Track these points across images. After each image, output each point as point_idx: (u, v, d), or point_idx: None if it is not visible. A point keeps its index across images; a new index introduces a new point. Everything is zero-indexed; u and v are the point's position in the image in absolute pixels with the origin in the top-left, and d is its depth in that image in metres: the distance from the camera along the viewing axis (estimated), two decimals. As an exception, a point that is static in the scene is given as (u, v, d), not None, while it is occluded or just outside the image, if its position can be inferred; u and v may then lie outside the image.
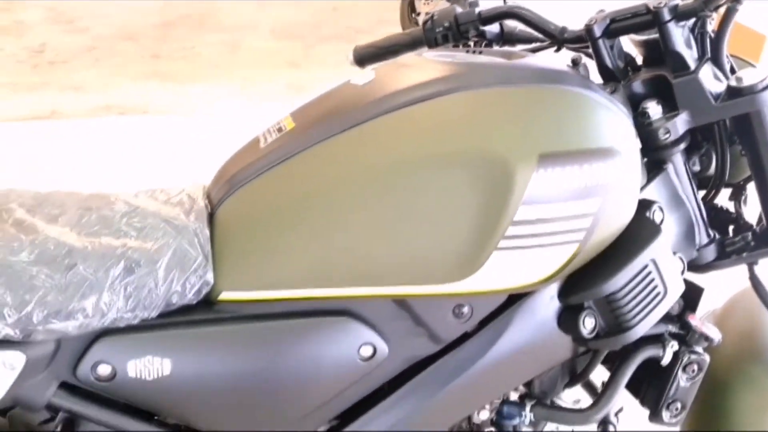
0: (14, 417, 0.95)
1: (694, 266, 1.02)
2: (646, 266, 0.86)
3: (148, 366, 0.79)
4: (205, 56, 3.78)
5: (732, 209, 1.07)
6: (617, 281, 0.85)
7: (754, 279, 1.06)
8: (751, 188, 1.04)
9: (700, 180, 1.03)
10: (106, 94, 3.21)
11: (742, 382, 1.11)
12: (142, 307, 0.78)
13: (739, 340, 1.16)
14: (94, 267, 0.76)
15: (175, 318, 0.81)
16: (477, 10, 1.00)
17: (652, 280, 0.87)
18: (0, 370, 0.76)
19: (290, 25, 4.20)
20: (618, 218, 0.84)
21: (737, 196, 1.06)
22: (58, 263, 0.76)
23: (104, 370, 0.79)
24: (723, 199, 1.09)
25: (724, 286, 1.17)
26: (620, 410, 1.05)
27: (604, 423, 1.02)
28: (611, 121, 0.84)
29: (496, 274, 0.81)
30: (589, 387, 1.07)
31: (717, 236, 1.01)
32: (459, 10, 1.01)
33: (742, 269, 1.07)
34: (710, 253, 1.01)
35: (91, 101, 3.14)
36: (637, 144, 0.88)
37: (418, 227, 0.79)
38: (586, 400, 1.01)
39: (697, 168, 1.02)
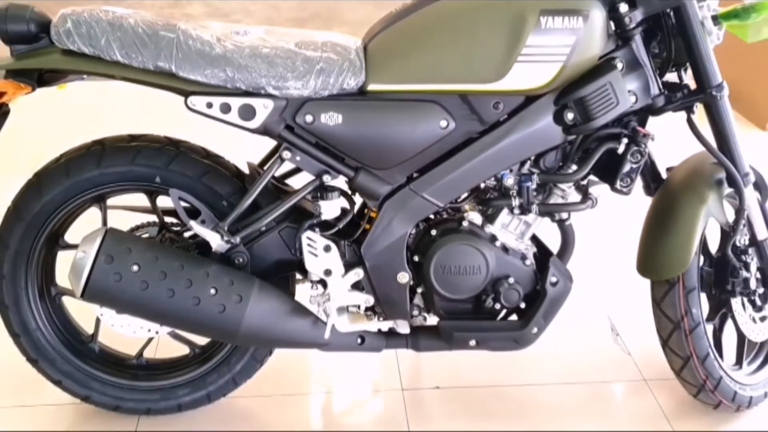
0: (251, 166, 1.71)
1: (651, 110, 1.66)
2: (604, 85, 1.51)
3: (331, 116, 1.51)
4: (331, 44, 4.63)
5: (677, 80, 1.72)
6: (586, 90, 1.50)
7: (690, 121, 1.70)
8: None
9: (662, 63, 1.68)
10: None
11: (687, 190, 1.74)
12: (329, 88, 1.50)
13: (689, 170, 1.80)
14: (306, 63, 1.49)
15: (345, 96, 1.54)
16: None
17: (609, 94, 1.52)
18: (261, 108, 1.50)
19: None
20: (586, 53, 1.49)
21: (679, 68, 1.70)
22: (291, 58, 1.49)
23: (309, 117, 1.51)
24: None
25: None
26: (598, 199, 1.70)
27: (586, 196, 1.68)
28: (589, 1, 1.51)
29: (518, 79, 1.50)
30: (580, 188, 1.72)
31: (666, 91, 1.66)
32: None
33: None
34: (660, 100, 1.63)
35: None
36: (604, 18, 1.52)
37: (477, 46, 1.48)
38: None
39: (656, 51, 1.67)
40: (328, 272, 1.60)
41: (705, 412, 1.89)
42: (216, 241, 1.55)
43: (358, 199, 1.67)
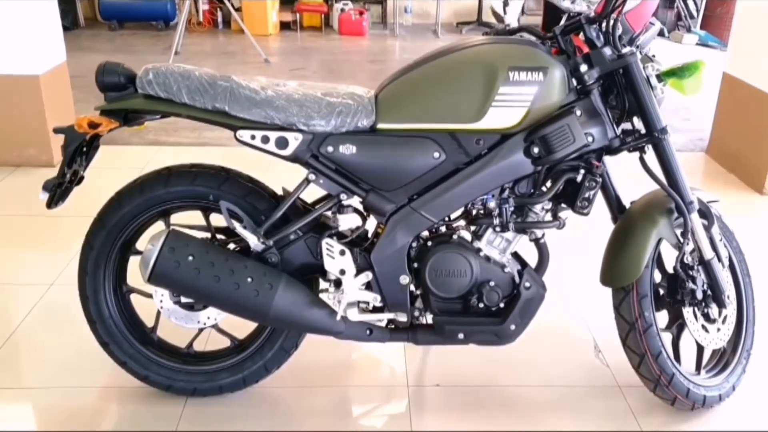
0: (285, 191, 2.13)
1: (609, 149, 2.04)
2: (563, 126, 1.90)
3: (348, 147, 1.93)
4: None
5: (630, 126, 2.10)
6: (548, 129, 1.90)
7: (642, 160, 2.07)
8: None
9: (619, 112, 2.07)
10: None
11: (643, 216, 2.10)
12: (347, 125, 1.92)
13: (646, 201, 2.16)
14: (329, 106, 1.92)
15: (358, 132, 1.96)
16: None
17: (566, 133, 1.91)
18: (293, 140, 1.92)
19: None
20: (547, 100, 1.90)
21: (632, 117, 2.08)
22: (317, 102, 1.92)
23: (330, 148, 1.93)
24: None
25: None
26: (565, 220, 2.07)
27: (556, 216, 2.05)
28: (548, 59, 1.92)
29: (493, 120, 1.90)
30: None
31: (621, 135, 2.04)
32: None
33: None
34: (617, 142, 2.02)
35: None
36: (563, 74, 1.93)
37: (461, 94, 1.89)
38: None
39: (614, 103, 2.06)
40: (342, 272, 1.99)
41: (669, 413, 2.19)
42: (253, 242, 1.96)
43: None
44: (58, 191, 1.97)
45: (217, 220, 2.07)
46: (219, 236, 2.11)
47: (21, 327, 2.56)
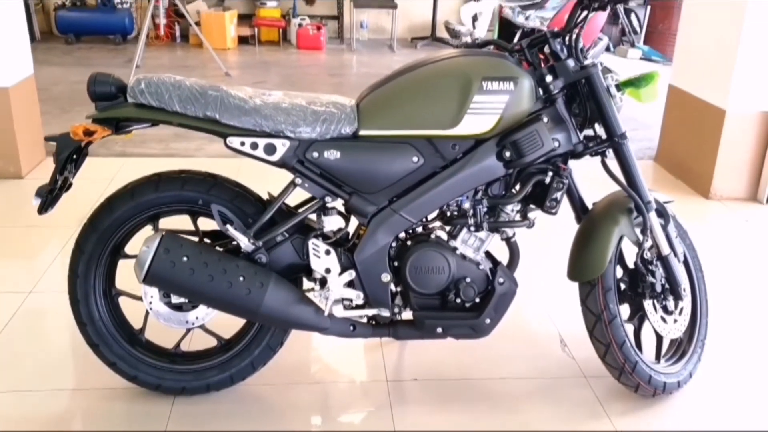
0: (270, 195, 2.23)
1: (573, 154, 2.20)
2: (532, 131, 2.05)
3: (332, 153, 2.04)
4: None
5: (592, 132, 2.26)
6: (518, 135, 2.04)
7: (603, 163, 2.24)
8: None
9: (582, 120, 2.23)
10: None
11: (605, 216, 2.26)
12: (331, 132, 2.04)
13: (608, 201, 2.32)
14: (314, 114, 2.03)
15: (342, 139, 2.07)
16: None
17: (536, 138, 2.06)
18: (280, 147, 2.02)
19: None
20: (517, 107, 2.04)
21: (594, 124, 2.24)
22: (303, 110, 2.03)
23: (315, 154, 2.04)
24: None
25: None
26: (534, 220, 2.21)
27: (525, 216, 2.20)
28: (517, 70, 2.07)
29: (468, 126, 2.04)
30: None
31: (584, 140, 2.20)
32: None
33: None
34: (580, 147, 2.18)
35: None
36: (532, 84, 2.08)
37: (438, 103, 2.02)
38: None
39: (577, 111, 2.22)
40: (327, 270, 2.10)
41: (632, 399, 2.35)
42: (244, 243, 2.06)
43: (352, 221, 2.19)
44: (48, 197, 2.04)
45: (205, 224, 2.16)
46: (206, 239, 2.20)
47: (3, 333, 2.59)
